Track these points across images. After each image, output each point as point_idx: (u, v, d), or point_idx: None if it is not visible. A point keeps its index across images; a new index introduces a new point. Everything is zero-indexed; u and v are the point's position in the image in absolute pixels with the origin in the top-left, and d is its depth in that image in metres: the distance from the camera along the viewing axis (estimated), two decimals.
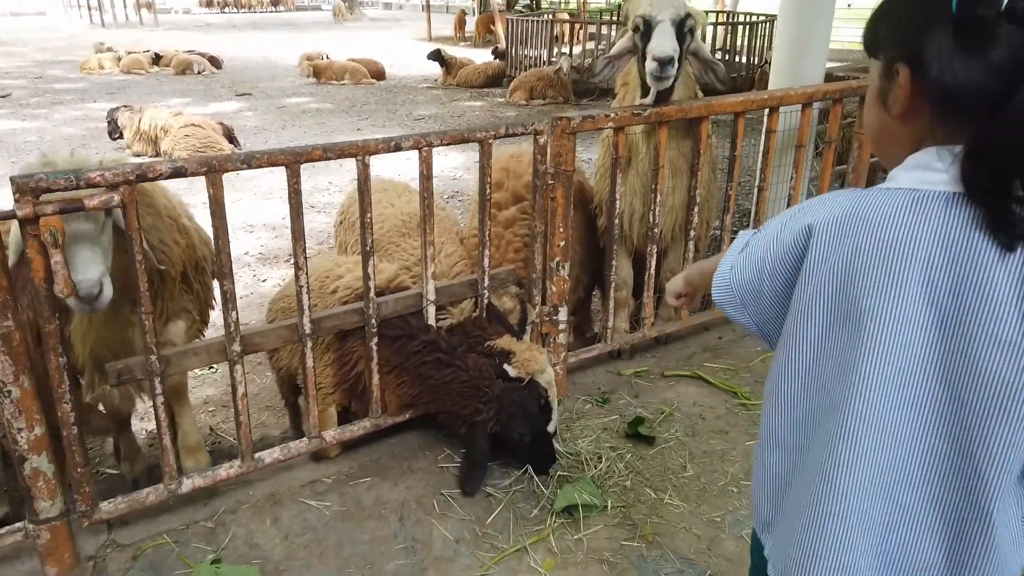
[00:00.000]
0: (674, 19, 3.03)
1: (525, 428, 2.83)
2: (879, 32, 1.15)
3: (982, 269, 1.01)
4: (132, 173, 2.17)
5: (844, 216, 1.11)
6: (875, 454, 1.09)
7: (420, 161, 2.77)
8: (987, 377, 1.02)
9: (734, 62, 16.12)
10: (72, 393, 2.30)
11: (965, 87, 1.00)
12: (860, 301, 1.07)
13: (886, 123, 1.14)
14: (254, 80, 17.43)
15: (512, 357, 2.88)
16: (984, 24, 0.97)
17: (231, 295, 2.48)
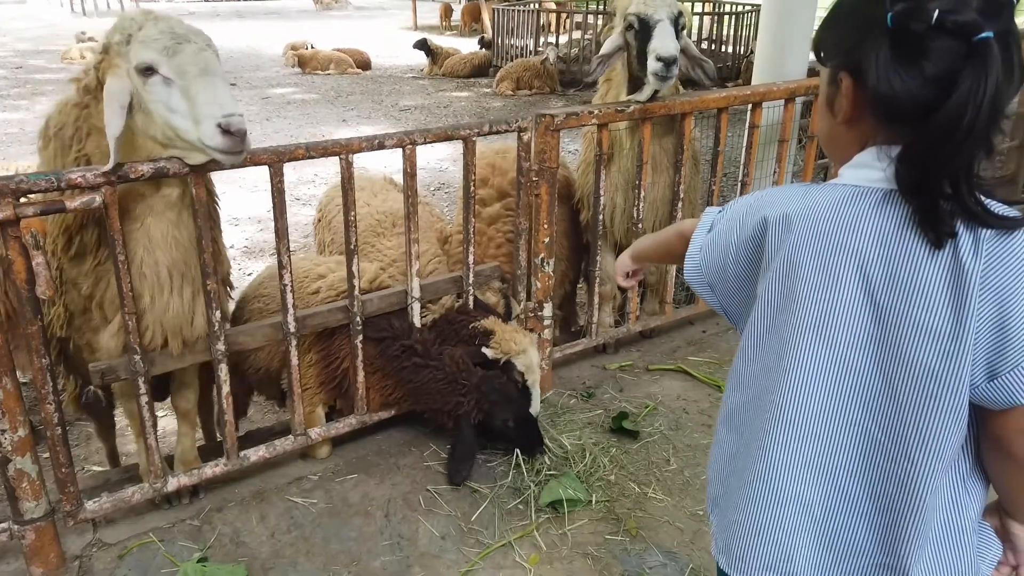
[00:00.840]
0: (671, 18, 3.05)
1: (507, 413, 2.87)
2: (826, 41, 1.20)
3: (914, 263, 1.07)
4: (113, 174, 2.16)
5: (792, 210, 1.17)
6: (810, 440, 1.17)
7: (404, 159, 2.77)
8: (918, 367, 1.08)
9: (720, 52, 16.14)
10: (55, 394, 2.30)
11: (901, 96, 1.05)
12: (797, 290, 1.15)
13: (834, 128, 1.20)
14: (238, 70, 17.27)
15: (491, 338, 2.90)
16: (917, 37, 1.02)
17: (215, 294, 2.47)
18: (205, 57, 2.11)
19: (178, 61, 2.07)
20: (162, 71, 2.08)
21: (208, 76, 2.09)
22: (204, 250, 2.39)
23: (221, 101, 2.07)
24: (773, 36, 4.26)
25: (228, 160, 2.17)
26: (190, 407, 2.79)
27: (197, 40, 2.14)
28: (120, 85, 2.13)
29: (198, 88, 2.07)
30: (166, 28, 2.13)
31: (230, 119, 2.05)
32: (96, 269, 2.38)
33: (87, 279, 2.40)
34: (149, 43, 2.08)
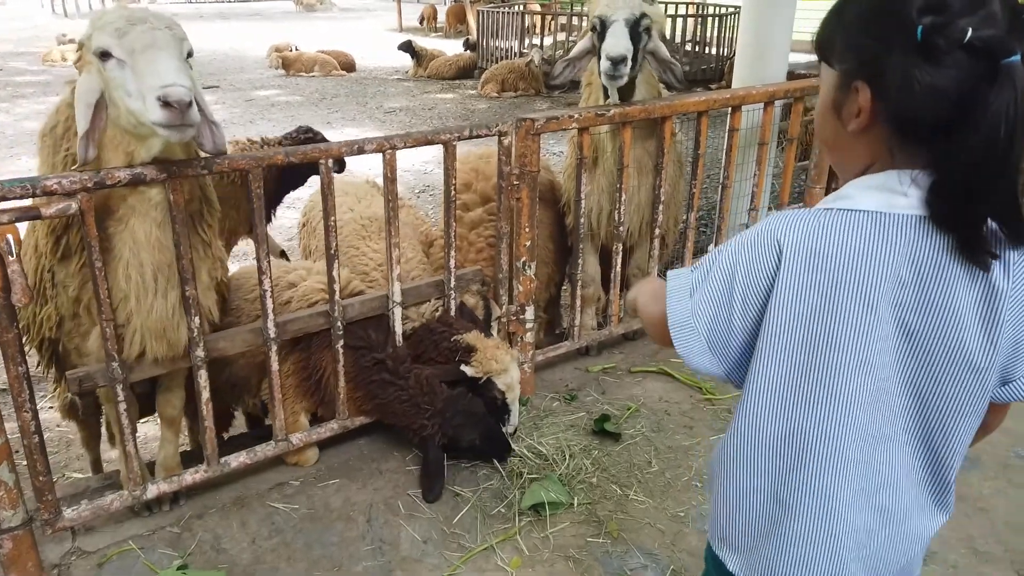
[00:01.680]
0: (628, 19, 3.06)
1: (473, 434, 2.88)
2: (835, 41, 1.15)
3: (949, 287, 1.07)
4: (90, 180, 2.15)
5: (813, 242, 1.11)
6: (859, 467, 1.18)
7: (384, 164, 2.77)
8: (951, 384, 1.12)
9: (703, 54, 16.23)
10: (32, 401, 2.29)
11: (924, 111, 1.02)
12: (837, 325, 1.11)
13: (841, 135, 1.16)
14: (222, 72, 17.19)
15: (473, 355, 2.90)
16: (945, 52, 0.99)
17: (194, 300, 2.46)
18: (154, 34, 2.05)
19: (128, 40, 2.04)
20: (115, 53, 2.05)
21: (152, 50, 2.02)
22: (183, 255, 2.38)
23: (161, 71, 1.98)
24: (753, 40, 4.29)
25: (173, 136, 2.06)
26: (175, 413, 2.77)
27: (154, 21, 2.09)
28: (89, 82, 2.12)
29: (141, 63, 2.02)
30: (123, 13, 2.11)
31: (167, 89, 1.95)
32: (82, 271, 2.37)
33: (73, 280, 2.39)
34: (104, 27, 2.07)
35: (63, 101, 2.34)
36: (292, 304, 2.90)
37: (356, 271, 3.15)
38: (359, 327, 2.90)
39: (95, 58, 2.09)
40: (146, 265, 2.34)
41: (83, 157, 2.13)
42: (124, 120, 2.13)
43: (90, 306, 2.40)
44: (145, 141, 2.20)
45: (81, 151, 2.13)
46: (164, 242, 2.35)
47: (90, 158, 2.15)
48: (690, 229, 3.84)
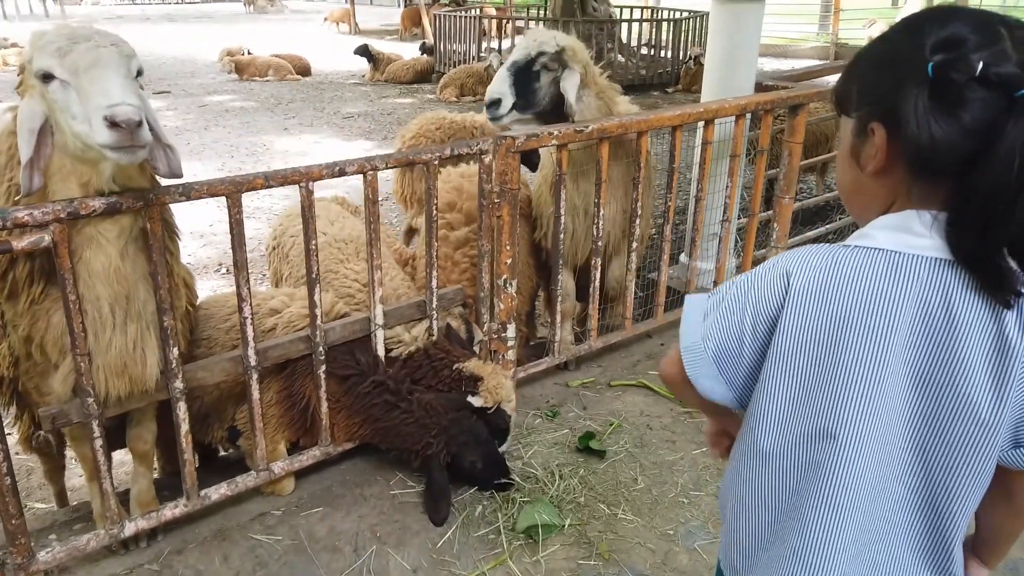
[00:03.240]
0: (517, 61, 3.26)
1: (476, 455, 2.85)
2: (851, 90, 1.16)
3: (959, 334, 1.05)
4: (63, 211, 2.06)
5: (824, 275, 1.11)
6: (862, 513, 1.14)
7: (365, 185, 2.72)
8: (955, 437, 1.08)
9: (660, 57, 16.39)
10: (3, 442, 2.18)
11: (940, 146, 1.02)
12: (844, 362, 1.10)
13: (860, 180, 1.16)
14: (172, 76, 16.80)
15: (479, 385, 2.88)
16: (958, 87, 1.00)
17: (172, 330, 2.38)
18: (99, 52, 1.95)
19: (70, 59, 1.93)
20: (58, 74, 1.94)
21: (97, 68, 1.91)
22: (161, 285, 2.30)
23: (108, 90, 1.88)
24: (721, 54, 4.33)
25: (123, 158, 1.95)
26: (147, 448, 2.67)
27: (98, 39, 1.99)
28: (31, 107, 2.01)
29: (86, 82, 1.91)
30: (65, 31, 2.00)
31: (115, 109, 1.84)
32: (31, 309, 2.24)
33: (22, 319, 2.25)
34: (45, 48, 1.96)
35: (5, 129, 2.20)
36: (277, 331, 2.83)
37: (340, 294, 3.09)
38: (346, 353, 2.83)
39: (37, 81, 1.98)
40: (102, 299, 2.22)
41: (27, 187, 2.02)
42: (71, 145, 2.02)
43: (44, 344, 2.28)
44: (96, 166, 2.09)
45: (24, 181, 2.01)
46: (123, 272, 2.24)
47: (35, 188, 2.04)
48: (665, 241, 3.86)
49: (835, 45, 19.98)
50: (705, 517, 2.86)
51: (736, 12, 4.26)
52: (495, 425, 2.92)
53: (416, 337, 3.02)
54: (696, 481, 3.06)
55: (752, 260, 4.46)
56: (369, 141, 11.08)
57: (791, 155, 4.24)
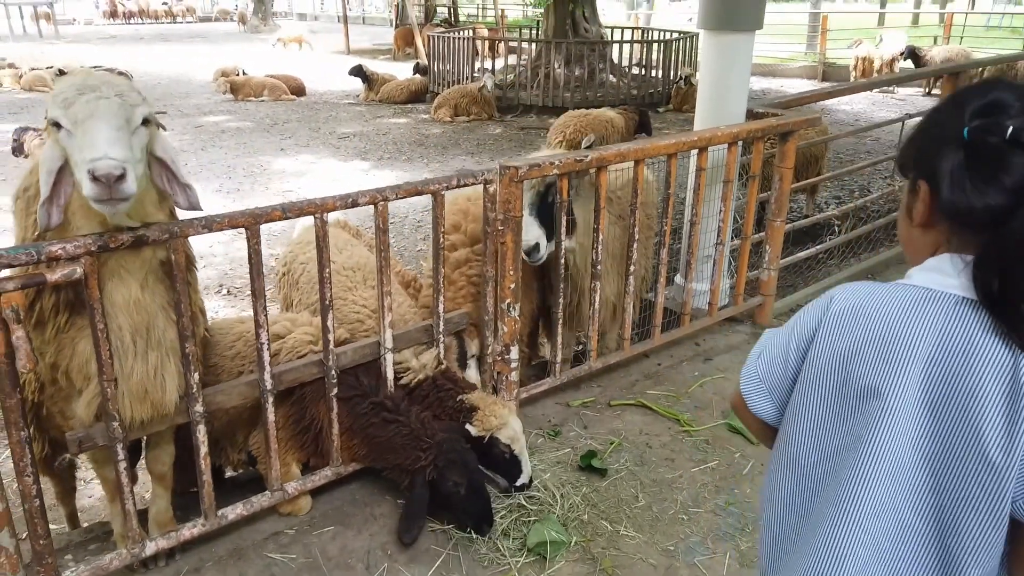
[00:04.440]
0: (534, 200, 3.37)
1: (461, 478, 2.84)
2: (909, 155, 1.32)
3: (975, 373, 1.13)
4: (94, 244, 2.16)
5: (857, 301, 1.26)
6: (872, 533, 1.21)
7: (376, 215, 2.83)
8: (966, 475, 1.15)
9: (650, 77, 16.64)
10: (33, 466, 2.27)
11: (974, 204, 1.15)
12: (865, 385, 1.21)
13: (911, 232, 1.30)
14: (167, 97, 16.90)
15: (475, 414, 2.97)
16: (991, 150, 1.13)
17: (193, 356, 2.48)
18: (97, 104, 2.02)
19: (72, 111, 2.03)
20: (63, 123, 2.04)
21: (91, 120, 1.99)
22: (183, 313, 2.40)
23: (94, 143, 1.95)
24: (713, 82, 4.48)
25: (105, 210, 2.05)
26: (165, 470, 2.76)
27: (104, 90, 2.07)
28: (51, 150, 2.12)
29: (79, 134, 2.00)
30: (77, 82, 2.09)
31: (95, 163, 1.91)
32: (57, 337, 2.34)
33: (49, 347, 2.36)
34: (56, 98, 2.07)
35: (32, 167, 2.33)
36: (281, 356, 2.92)
37: (348, 320, 3.19)
38: (351, 376, 2.93)
39: (52, 127, 2.09)
40: (124, 328, 2.32)
41: (43, 223, 2.13)
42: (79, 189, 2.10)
43: (69, 371, 2.38)
44: None
45: (42, 217, 2.12)
46: (143, 303, 2.34)
47: (53, 224, 2.15)
48: (662, 264, 3.98)
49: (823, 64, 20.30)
50: (704, 533, 2.97)
51: (727, 42, 4.42)
52: (496, 456, 2.99)
53: (424, 365, 3.12)
54: (695, 498, 3.17)
55: (745, 280, 4.59)
56: (365, 161, 11.21)
57: (782, 179, 4.39)
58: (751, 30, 4.42)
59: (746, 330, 4.68)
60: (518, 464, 3.02)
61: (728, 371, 4.20)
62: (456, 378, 3.23)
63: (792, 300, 5.33)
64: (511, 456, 3.00)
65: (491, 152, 11.89)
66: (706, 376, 4.14)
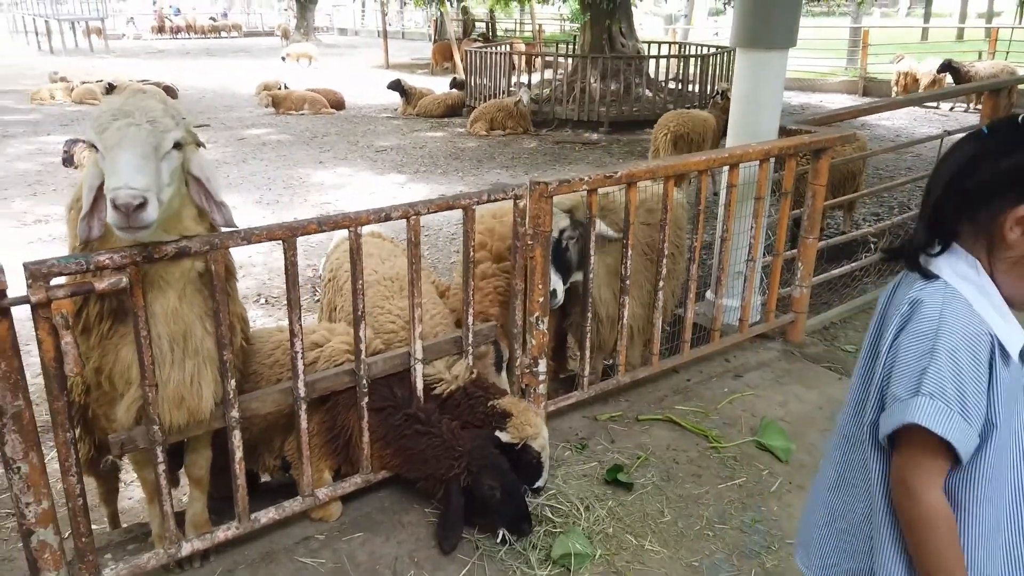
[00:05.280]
0: None
1: (495, 481, 2.90)
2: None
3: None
4: (139, 255, 2.26)
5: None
6: None
7: (408, 229, 2.91)
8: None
9: (687, 91, 16.61)
10: (77, 466, 2.37)
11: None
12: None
13: None
14: (211, 110, 17.35)
15: (507, 422, 3.02)
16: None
17: (231, 364, 2.57)
18: (127, 132, 2.10)
19: (105, 136, 2.11)
20: (99, 148, 2.14)
21: (118, 148, 2.07)
22: (221, 322, 2.49)
23: (118, 171, 2.03)
24: (746, 99, 4.49)
25: (125, 236, 2.13)
26: (202, 473, 2.86)
27: (137, 116, 2.14)
28: (93, 169, 2.22)
29: (108, 161, 2.09)
30: (116, 106, 2.17)
31: (116, 192, 1.99)
32: (101, 343, 2.45)
33: (93, 352, 2.46)
34: (95, 121, 2.16)
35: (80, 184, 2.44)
36: (319, 364, 3.00)
37: (384, 329, 3.27)
38: (384, 386, 3.00)
39: (91, 149, 2.20)
40: (162, 337, 2.42)
41: (83, 235, 2.24)
42: None
43: (112, 376, 2.48)
44: None
45: (82, 230, 2.23)
46: (180, 313, 2.43)
47: (92, 237, 2.25)
48: (692, 280, 4.00)
49: (863, 79, 20.07)
50: (729, 550, 2.97)
51: (760, 59, 4.43)
52: (524, 462, 3.04)
53: (457, 376, 3.18)
54: (721, 514, 3.17)
55: (777, 297, 4.58)
56: (401, 174, 11.38)
57: (814, 197, 4.38)
58: (784, 47, 4.43)
59: (777, 347, 4.66)
60: (540, 469, 3.08)
61: (758, 388, 4.19)
62: (486, 384, 3.28)
63: (826, 317, 5.29)
64: (537, 463, 3.05)
65: (525, 166, 11.98)
66: (736, 393, 4.13)
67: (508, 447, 3.02)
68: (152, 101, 2.28)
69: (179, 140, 2.25)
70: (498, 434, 3.03)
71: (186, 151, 2.30)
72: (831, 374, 4.40)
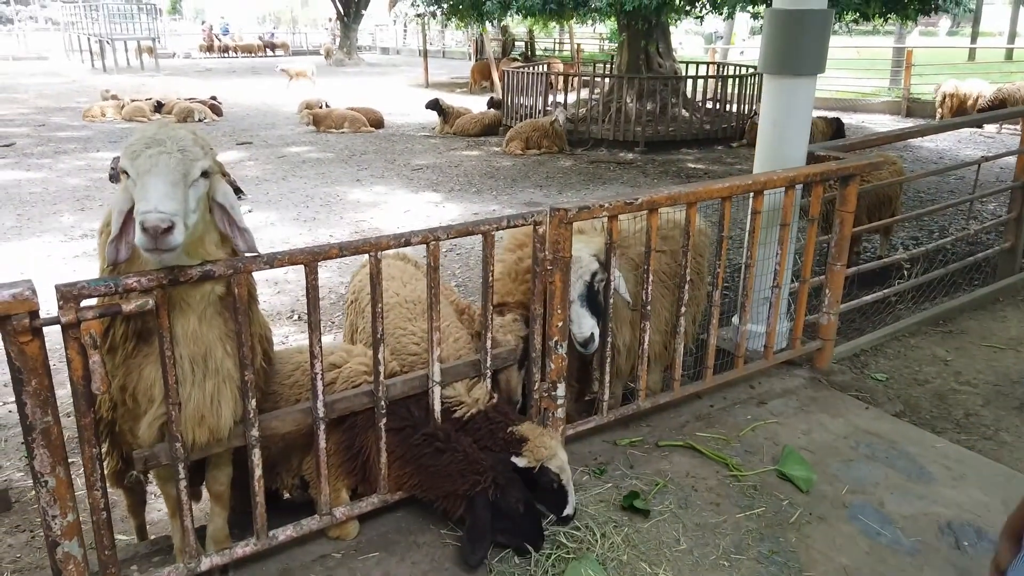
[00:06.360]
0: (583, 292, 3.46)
1: (521, 494, 2.95)
2: None
3: None
4: (165, 278, 2.35)
5: None
6: None
7: (428, 254, 2.96)
8: None
9: (724, 112, 16.54)
10: (102, 481, 2.46)
11: None
12: None
13: None
14: (254, 128, 17.77)
15: (524, 446, 3.05)
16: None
17: (251, 384, 2.64)
18: (158, 159, 2.20)
19: (137, 163, 2.21)
20: (131, 174, 2.24)
21: (149, 175, 2.17)
22: (244, 343, 2.57)
23: (148, 196, 2.13)
24: (773, 125, 4.48)
25: (152, 258, 2.23)
26: (223, 489, 2.93)
27: (169, 144, 2.24)
28: (124, 193, 2.32)
29: (139, 186, 2.19)
30: (148, 134, 2.28)
31: (145, 215, 2.09)
32: (126, 362, 2.54)
33: (118, 371, 2.55)
34: (127, 149, 2.27)
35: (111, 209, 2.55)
36: (337, 384, 3.07)
37: (407, 352, 3.33)
38: (402, 407, 3.05)
39: (123, 174, 2.30)
40: (184, 357, 2.50)
41: (111, 259, 2.33)
42: None
43: (135, 393, 2.56)
44: None
45: (110, 253, 2.32)
46: (200, 334, 2.51)
47: (120, 260, 2.34)
48: (715, 306, 3.99)
49: (907, 100, 19.77)
50: None
51: (787, 86, 4.42)
52: (545, 486, 3.05)
53: (477, 399, 3.22)
54: (738, 544, 3.14)
55: (804, 324, 4.53)
56: (436, 193, 11.51)
57: (842, 224, 4.34)
58: (812, 74, 4.41)
59: (804, 374, 4.61)
60: (564, 495, 3.08)
61: (782, 416, 4.15)
62: (506, 411, 3.31)
63: (856, 345, 5.23)
64: (559, 486, 3.06)
65: (559, 185, 12.04)
66: (759, 420, 4.09)
67: (526, 471, 3.04)
68: (183, 131, 2.39)
69: (206, 169, 2.35)
70: (514, 459, 3.06)
71: (212, 179, 2.40)
72: (858, 403, 4.34)
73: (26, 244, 8.76)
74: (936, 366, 5.06)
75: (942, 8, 15.00)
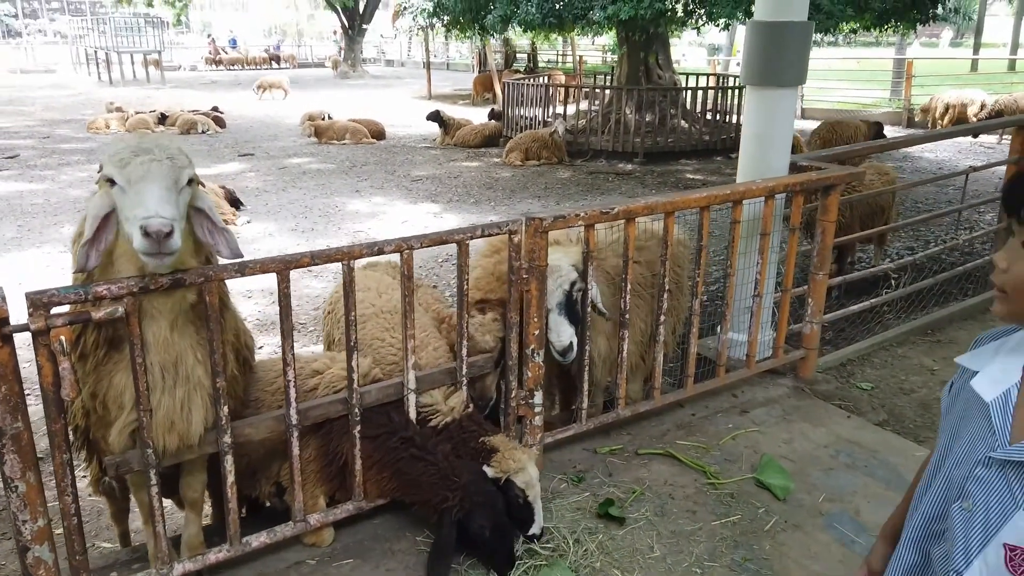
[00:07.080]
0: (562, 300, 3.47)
1: (486, 520, 2.92)
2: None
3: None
4: (135, 286, 2.39)
5: None
6: None
7: (401, 263, 3.00)
8: None
9: (724, 123, 16.58)
10: (73, 486, 2.49)
11: None
12: None
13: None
14: (257, 140, 17.89)
15: (493, 457, 3.06)
16: None
17: (223, 391, 2.67)
18: (151, 166, 2.24)
19: (127, 171, 2.25)
20: (118, 181, 2.27)
21: (144, 181, 2.22)
22: (215, 351, 2.60)
23: (147, 203, 2.18)
24: (755, 136, 4.51)
25: (151, 263, 2.27)
26: (197, 496, 2.96)
27: (157, 152, 2.29)
28: (101, 200, 2.35)
29: (133, 193, 2.23)
30: (132, 143, 2.32)
31: (147, 220, 2.14)
32: (97, 369, 2.56)
33: (89, 378, 2.58)
34: (112, 157, 2.30)
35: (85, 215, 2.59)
36: (319, 391, 3.10)
37: (385, 361, 3.35)
38: (381, 414, 3.08)
39: (105, 182, 2.33)
40: (154, 364, 2.52)
41: (81, 264, 2.36)
42: (127, 240, 2.32)
43: (106, 400, 2.59)
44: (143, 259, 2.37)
45: (81, 258, 2.35)
46: (171, 342, 2.53)
47: (90, 266, 2.37)
48: (695, 315, 4.01)
49: (907, 111, 19.78)
50: None
51: (769, 97, 4.45)
52: (509, 500, 3.04)
53: (453, 408, 3.24)
54: (712, 552, 3.15)
55: (787, 334, 4.55)
56: (435, 203, 11.56)
57: (824, 233, 4.36)
58: (793, 85, 4.44)
59: (788, 383, 4.62)
60: (531, 512, 3.07)
61: (764, 424, 4.16)
62: (480, 421, 3.33)
63: (843, 354, 5.23)
64: (524, 502, 3.05)
65: (557, 196, 12.08)
66: (740, 429, 4.10)
67: (493, 482, 3.06)
68: (166, 139, 2.44)
69: (192, 176, 2.40)
70: (485, 468, 3.07)
71: (194, 188, 2.44)
72: (841, 412, 4.34)
73: (25, 255, 8.84)
74: (923, 375, 5.06)
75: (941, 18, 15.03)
